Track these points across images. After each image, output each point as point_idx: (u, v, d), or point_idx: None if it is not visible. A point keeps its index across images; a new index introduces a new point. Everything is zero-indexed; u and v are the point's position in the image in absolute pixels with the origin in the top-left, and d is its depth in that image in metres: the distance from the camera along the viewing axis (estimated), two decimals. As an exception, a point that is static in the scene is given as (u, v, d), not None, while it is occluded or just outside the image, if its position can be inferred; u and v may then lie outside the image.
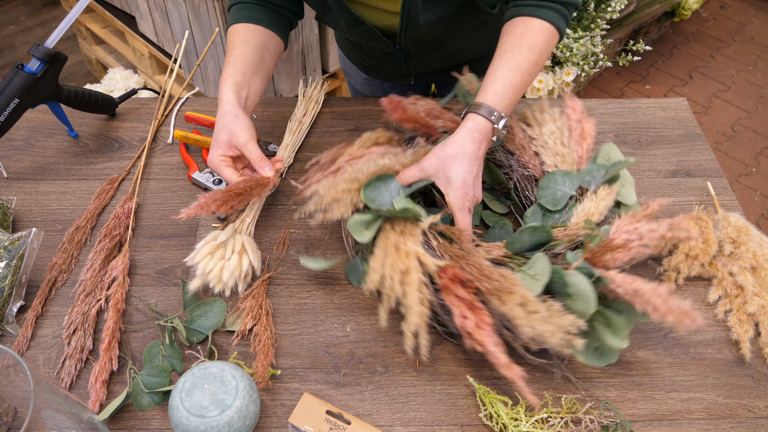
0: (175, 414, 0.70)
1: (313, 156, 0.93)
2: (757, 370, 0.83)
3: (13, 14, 3.17)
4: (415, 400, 0.79)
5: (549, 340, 0.71)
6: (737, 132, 2.64)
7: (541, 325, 0.71)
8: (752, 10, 3.32)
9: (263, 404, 0.78)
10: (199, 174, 1.03)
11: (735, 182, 2.44)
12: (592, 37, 2.23)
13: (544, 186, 0.90)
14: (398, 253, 0.79)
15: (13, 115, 0.95)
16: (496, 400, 0.76)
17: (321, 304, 0.88)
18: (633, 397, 0.80)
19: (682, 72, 2.91)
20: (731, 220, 0.94)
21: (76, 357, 0.80)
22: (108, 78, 2.46)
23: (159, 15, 2.02)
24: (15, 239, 0.87)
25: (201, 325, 0.84)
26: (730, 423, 0.78)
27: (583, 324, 0.72)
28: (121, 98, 1.14)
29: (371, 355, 0.83)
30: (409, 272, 0.77)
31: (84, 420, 0.64)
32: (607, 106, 1.19)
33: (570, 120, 0.97)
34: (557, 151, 0.94)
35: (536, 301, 0.73)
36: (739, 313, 0.86)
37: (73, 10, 0.95)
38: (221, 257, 0.87)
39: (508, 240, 0.83)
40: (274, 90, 1.98)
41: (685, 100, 1.22)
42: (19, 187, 1.02)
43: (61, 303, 0.87)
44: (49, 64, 0.96)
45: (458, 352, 0.84)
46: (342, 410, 0.76)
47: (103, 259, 0.90)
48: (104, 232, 0.94)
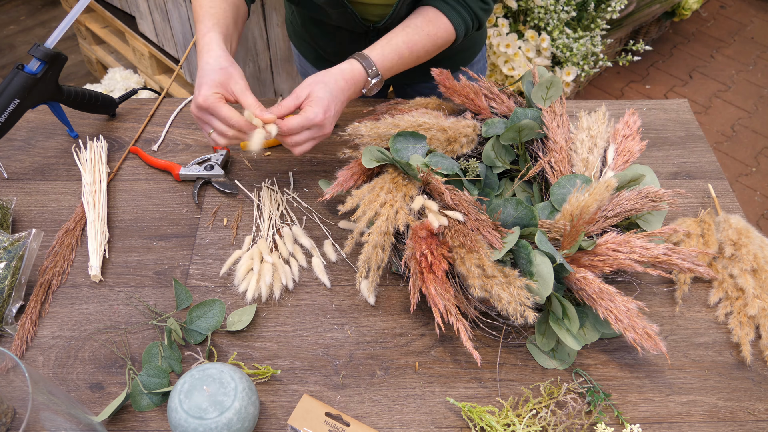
0: (174, 416, 0.69)
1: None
2: (757, 373, 0.83)
3: (13, 14, 3.17)
4: (415, 402, 0.79)
5: (505, 308, 0.74)
6: (737, 132, 2.64)
7: (499, 290, 0.75)
8: (752, 10, 3.32)
9: (262, 406, 0.78)
10: (186, 168, 1.03)
11: (735, 182, 2.44)
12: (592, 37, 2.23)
13: (561, 184, 0.90)
14: (382, 190, 0.85)
15: (13, 115, 0.95)
16: (482, 412, 0.75)
17: (321, 306, 0.88)
18: (633, 400, 0.80)
19: (682, 72, 2.91)
20: (732, 222, 0.94)
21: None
22: (108, 78, 2.46)
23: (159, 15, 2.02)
24: (15, 240, 0.87)
25: (200, 326, 0.83)
26: (731, 426, 0.78)
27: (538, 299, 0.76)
28: (121, 98, 1.14)
29: (371, 357, 0.83)
30: (386, 205, 0.83)
31: (82, 421, 0.64)
32: (608, 106, 1.19)
33: (617, 134, 0.96)
34: (584, 158, 0.94)
35: (494, 266, 0.76)
36: (740, 316, 0.86)
37: (73, 10, 0.94)
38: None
39: (491, 205, 0.85)
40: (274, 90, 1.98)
41: (686, 101, 1.22)
42: (19, 187, 1.02)
43: (60, 304, 0.87)
44: (49, 65, 0.96)
45: (458, 354, 0.84)
46: (341, 412, 0.76)
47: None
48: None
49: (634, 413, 0.79)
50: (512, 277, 0.76)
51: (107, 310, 0.87)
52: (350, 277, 0.92)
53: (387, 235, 0.82)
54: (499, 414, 0.76)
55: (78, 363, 0.82)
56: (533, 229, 0.81)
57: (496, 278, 0.76)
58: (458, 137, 0.94)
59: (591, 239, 0.82)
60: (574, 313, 0.78)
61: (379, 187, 0.85)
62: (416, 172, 0.84)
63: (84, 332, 0.85)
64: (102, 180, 1.01)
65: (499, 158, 0.97)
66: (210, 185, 1.03)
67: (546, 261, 0.77)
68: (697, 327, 0.87)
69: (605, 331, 0.83)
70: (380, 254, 0.82)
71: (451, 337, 0.85)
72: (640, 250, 0.77)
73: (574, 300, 0.82)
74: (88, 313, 0.87)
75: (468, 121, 0.97)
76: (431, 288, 0.76)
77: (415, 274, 0.79)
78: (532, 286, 0.76)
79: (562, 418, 0.76)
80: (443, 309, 0.75)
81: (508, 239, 0.79)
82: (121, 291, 0.89)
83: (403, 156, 0.90)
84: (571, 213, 0.83)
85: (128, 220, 0.98)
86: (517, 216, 0.83)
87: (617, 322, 0.75)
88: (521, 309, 0.74)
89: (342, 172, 0.90)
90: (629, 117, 0.98)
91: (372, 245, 0.81)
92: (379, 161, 0.87)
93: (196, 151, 1.09)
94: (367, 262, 0.82)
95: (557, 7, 2.15)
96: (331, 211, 1.00)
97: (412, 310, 0.82)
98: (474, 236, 0.79)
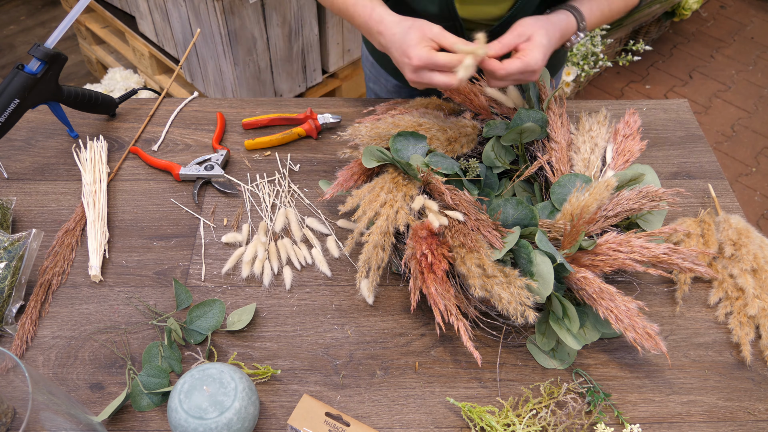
0: (174, 416, 0.69)
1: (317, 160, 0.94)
2: (757, 373, 0.83)
3: (13, 14, 3.17)
4: (415, 402, 0.79)
5: (506, 307, 0.74)
6: (737, 132, 2.64)
7: (499, 290, 0.74)
8: (752, 10, 3.32)
9: (262, 406, 0.78)
10: (186, 168, 1.03)
11: (735, 182, 2.44)
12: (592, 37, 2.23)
13: (561, 183, 0.90)
14: (383, 190, 0.85)
15: (13, 115, 0.95)
16: (482, 412, 0.75)
17: (321, 306, 0.88)
18: (633, 400, 0.80)
19: (682, 72, 2.91)
20: (732, 222, 0.94)
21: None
22: (108, 78, 2.46)
23: (159, 15, 2.02)
24: (15, 240, 0.87)
25: (200, 326, 0.83)
26: (731, 426, 0.78)
27: (538, 299, 0.76)
28: (121, 98, 1.14)
29: (371, 356, 0.83)
30: (386, 205, 0.83)
31: (82, 421, 0.64)
32: (608, 107, 1.19)
33: (617, 134, 0.97)
34: (585, 157, 0.94)
35: (494, 266, 0.76)
36: (740, 316, 0.86)
37: (73, 10, 0.95)
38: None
39: (491, 206, 0.84)
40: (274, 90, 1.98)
41: (686, 101, 1.22)
42: (19, 187, 1.02)
43: (60, 304, 0.87)
44: (49, 65, 0.96)
45: (458, 354, 0.84)
46: (341, 412, 0.76)
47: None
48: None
49: (634, 413, 0.79)
50: (513, 276, 0.76)
51: (107, 310, 0.87)
52: (350, 277, 0.92)
53: (387, 235, 0.82)
54: (499, 414, 0.76)
55: (78, 363, 0.82)
56: (533, 228, 0.81)
57: (497, 278, 0.76)
58: (458, 137, 0.94)
59: (591, 239, 0.82)
60: (575, 313, 0.78)
61: (380, 187, 0.85)
62: (416, 171, 0.84)
63: (84, 332, 0.85)
64: (102, 180, 1.01)
65: (499, 158, 0.97)
66: (210, 185, 1.03)
67: (546, 261, 0.77)
68: (697, 327, 0.87)
69: (605, 331, 0.83)
70: (380, 254, 0.82)
71: (451, 337, 0.85)
72: (640, 250, 0.77)
73: (575, 300, 0.82)
74: (88, 313, 0.87)
75: (468, 121, 0.97)
76: (431, 288, 0.76)
77: (415, 274, 0.79)
78: (533, 286, 0.76)
79: (562, 418, 0.76)
80: (443, 309, 0.75)
81: (509, 239, 0.79)
82: (121, 291, 0.89)
83: (403, 156, 0.90)
84: (572, 213, 0.83)
85: (128, 220, 0.98)
86: (517, 216, 0.83)
87: (617, 321, 0.75)
88: (521, 309, 0.74)
89: (342, 172, 0.90)
90: (629, 117, 0.98)
91: (372, 245, 0.81)
92: (380, 161, 0.87)
93: (196, 151, 1.09)
94: (367, 262, 0.82)
95: (557, 7, 2.14)
96: (331, 211, 1.00)
97: (412, 310, 0.82)
98: (474, 236, 0.79)
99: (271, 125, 1.13)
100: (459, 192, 0.84)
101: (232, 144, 1.10)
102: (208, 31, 1.80)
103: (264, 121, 1.12)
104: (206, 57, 1.91)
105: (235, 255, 0.92)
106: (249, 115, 1.15)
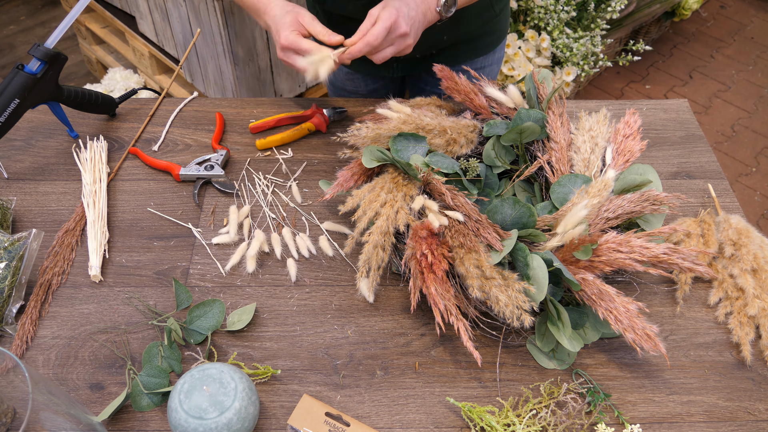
0: (174, 416, 0.69)
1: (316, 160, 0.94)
2: (757, 373, 0.83)
3: (13, 14, 3.17)
4: (415, 402, 0.79)
5: (502, 310, 0.74)
6: (737, 132, 2.64)
7: (497, 292, 0.75)
8: (752, 10, 3.32)
9: (262, 406, 0.78)
10: (186, 168, 1.04)
11: (735, 182, 2.44)
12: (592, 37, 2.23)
13: (561, 183, 0.90)
14: (383, 190, 0.85)
15: (13, 115, 0.95)
16: (482, 412, 0.75)
17: (321, 306, 0.88)
18: (633, 400, 0.80)
19: (682, 72, 2.91)
20: (732, 222, 0.94)
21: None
22: (108, 78, 2.45)
23: (159, 15, 2.02)
24: (15, 240, 0.87)
25: (200, 326, 0.83)
26: (731, 426, 0.78)
27: (535, 304, 0.76)
28: (121, 98, 1.14)
29: (371, 357, 0.83)
30: (387, 205, 0.83)
31: (82, 421, 0.64)
32: (608, 107, 1.19)
33: (617, 133, 0.96)
34: (585, 157, 0.94)
35: (493, 268, 0.76)
36: (740, 316, 0.86)
37: (73, 10, 0.94)
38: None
39: (489, 207, 0.84)
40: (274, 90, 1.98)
41: (686, 101, 1.22)
42: (19, 187, 1.02)
43: (60, 304, 0.87)
44: (49, 65, 0.96)
45: (458, 354, 0.84)
46: (341, 412, 0.76)
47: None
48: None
49: (634, 413, 0.79)
50: (511, 279, 0.76)
51: (107, 310, 0.87)
52: (350, 277, 0.92)
53: (387, 235, 0.82)
54: (499, 414, 0.76)
55: (78, 363, 0.82)
56: (532, 230, 0.81)
57: (495, 280, 0.76)
58: (458, 137, 0.94)
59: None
60: (567, 318, 0.78)
61: (380, 187, 0.85)
62: (416, 171, 0.84)
63: (84, 332, 0.85)
64: (102, 180, 1.01)
65: (500, 158, 0.97)
66: (210, 185, 1.03)
67: (542, 265, 0.76)
68: (697, 327, 0.87)
69: (605, 331, 0.83)
70: (381, 254, 0.82)
71: (451, 337, 0.85)
72: (640, 250, 0.77)
73: (575, 300, 0.82)
74: (88, 313, 0.87)
75: (468, 121, 0.97)
76: (431, 288, 0.76)
77: (415, 274, 0.79)
78: (531, 290, 0.76)
79: (562, 418, 0.76)
80: (443, 309, 0.75)
81: (506, 243, 0.79)
82: (121, 291, 0.89)
83: (403, 156, 0.90)
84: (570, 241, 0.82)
85: (128, 220, 0.98)
86: (515, 215, 0.83)
87: (617, 322, 0.75)
88: (518, 312, 0.74)
89: (342, 172, 0.90)
90: (630, 117, 0.98)
91: (372, 245, 0.81)
92: (380, 161, 0.87)
93: (196, 151, 1.09)
94: (367, 262, 0.82)
95: (557, 7, 2.15)
96: (331, 211, 1.00)
97: (412, 310, 0.82)
98: (473, 237, 0.79)
99: (279, 126, 1.13)
100: (459, 192, 0.84)
101: (232, 144, 1.10)
102: (208, 31, 1.80)
103: (271, 122, 1.13)
104: (206, 57, 1.91)
105: (238, 251, 0.92)
106: (249, 115, 1.15)
